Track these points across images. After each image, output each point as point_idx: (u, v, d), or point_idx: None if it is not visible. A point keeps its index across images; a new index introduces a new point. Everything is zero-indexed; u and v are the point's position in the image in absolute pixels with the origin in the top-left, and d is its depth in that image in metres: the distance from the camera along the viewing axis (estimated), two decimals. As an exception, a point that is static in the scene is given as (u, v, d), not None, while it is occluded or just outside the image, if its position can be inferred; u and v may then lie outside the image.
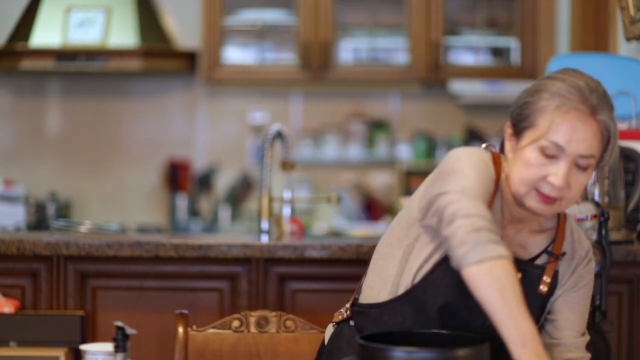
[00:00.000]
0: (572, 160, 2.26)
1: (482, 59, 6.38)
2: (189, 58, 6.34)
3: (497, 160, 2.36)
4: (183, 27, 6.46)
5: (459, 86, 6.20)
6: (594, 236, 3.14)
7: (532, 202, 2.29)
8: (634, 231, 3.37)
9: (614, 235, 3.28)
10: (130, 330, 2.16)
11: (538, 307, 2.38)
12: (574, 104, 2.26)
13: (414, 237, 2.37)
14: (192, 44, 6.38)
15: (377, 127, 6.53)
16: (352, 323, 2.46)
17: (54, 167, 6.58)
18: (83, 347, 2.46)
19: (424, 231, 2.35)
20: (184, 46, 6.37)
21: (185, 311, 2.67)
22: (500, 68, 6.32)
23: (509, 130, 2.36)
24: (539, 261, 2.40)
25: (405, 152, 6.50)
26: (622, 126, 3.71)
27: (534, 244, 2.41)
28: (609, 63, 3.76)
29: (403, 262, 2.40)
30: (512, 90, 6.22)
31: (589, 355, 2.46)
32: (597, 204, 3.08)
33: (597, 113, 2.26)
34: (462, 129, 6.48)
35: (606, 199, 3.32)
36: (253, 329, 2.68)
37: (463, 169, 2.28)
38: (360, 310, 2.45)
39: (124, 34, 6.20)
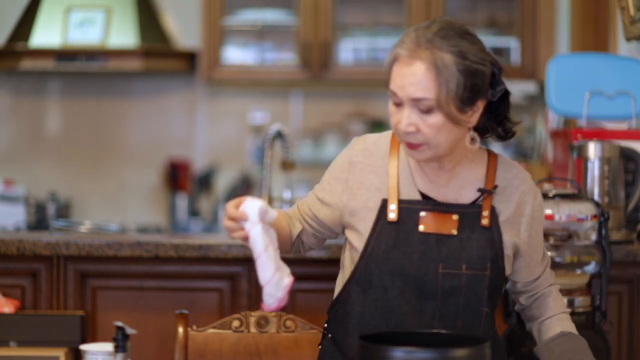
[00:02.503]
0: (410, 105, 2.30)
1: (482, 59, 6.38)
2: (189, 58, 6.34)
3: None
4: (183, 27, 6.46)
5: (459, 86, 6.19)
6: (594, 236, 3.14)
7: (406, 152, 2.40)
8: (634, 231, 3.37)
9: (614, 235, 3.28)
10: (130, 330, 2.16)
11: (487, 241, 2.41)
12: (400, 50, 2.31)
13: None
14: (192, 44, 6.38)
15: (377, 127, 6.53)
16: (329, 335, 2.53)
17: (54, 167, 6.58)
18: (83, 347, 2.47)
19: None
20: (184, 46, 6.37)
21: (185, 311, 2.67)
22: (500, 68, 6.31)
23: None
24: (478, 202, 2.44)
25: (405, 152, 6.50)
26: (622, 126, 3.71)
27: (472, 187, 2.45)
28: (609, 63, 3.76)
29: (343, 255, 2.52)
30: (512, 90, 6.21)
31: (554, 286, 2.57)
32: (597, 204, 3.08)
33: (420, 54, 2.28)
34: (462, 129, 6.47)
35: (606, 199, 3.32)
36: (253, 329, 2.68)
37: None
38: (329, 318, 2.54)
39: (124, 34, 6.20)
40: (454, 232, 2.39)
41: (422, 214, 2.40)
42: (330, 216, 2.48)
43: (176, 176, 6.53)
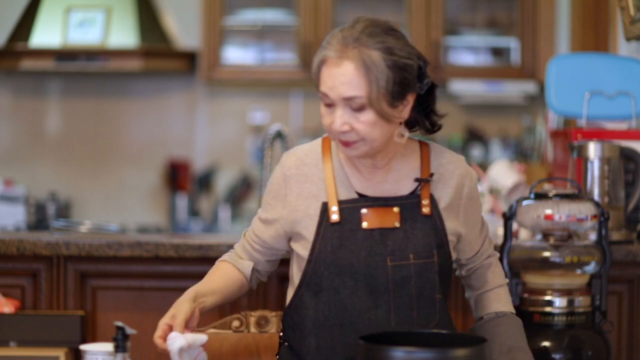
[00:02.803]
0: (342, 104, 2.34)
1: (482, 59, 6.38)
2: (189, 58, 6.34)
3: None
4: (183, 27, 6.46)
5: (459, 86, 6.19)
6: (594, 236, 3.14)
7: (341, 149, 2.43)
8: (634, 231, 3.37)
9: (614, 235, 3.28)
10: (130, 330, 2.16)
11: (431, 229, 2.45)
12: (327, 51, 2.36)
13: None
14: (192, 44, 6.38)
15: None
16: (286, 344, 2.55)
17: (54, 167, 6.58)
18: (83, 347, 2.47)
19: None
20: (184, 46, 6.37)
21: (185, 311, 2.67)
22: (500, 68, 6.32)
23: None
24: (416, 192, 2.47)
25: (405, 152, 6.49)
26: (622, 126, 3.71)
27: (409, 179, 2.48)
28: (609, 63, 3.76)
29: (292, 269, 2.54)
30: (512, 90, 6.21)
31: (493, 257, 2.62)
32: (597, 204, 3.08)
33: (348, 54, 2.32)
34: (462, 129, 6.48)
35: (606, 199, 3.32)
36: (253, 329, 2.68)
37: None
38: (284, 326, 2.56)
39: (124, 34, 6.20)
40: (397, 224, 2.43)
41: (364, 210, 2.44)
42: (274, 235, 2.52)
43: (176, 176, 6.53)
